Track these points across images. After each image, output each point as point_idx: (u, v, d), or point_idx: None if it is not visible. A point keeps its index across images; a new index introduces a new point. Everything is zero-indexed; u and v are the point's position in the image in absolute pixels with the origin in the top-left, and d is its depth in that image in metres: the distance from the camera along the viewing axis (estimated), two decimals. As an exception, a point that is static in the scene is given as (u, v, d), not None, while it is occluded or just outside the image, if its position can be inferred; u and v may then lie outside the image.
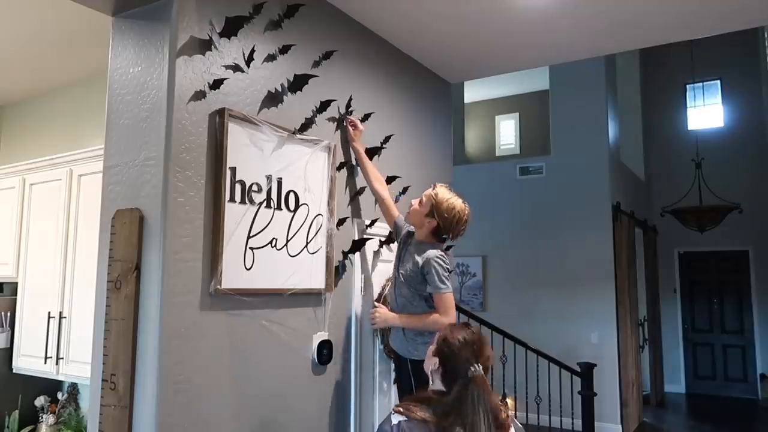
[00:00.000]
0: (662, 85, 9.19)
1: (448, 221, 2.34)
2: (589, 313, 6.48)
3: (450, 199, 2.36)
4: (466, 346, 1.68)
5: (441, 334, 1.75)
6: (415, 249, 2.41)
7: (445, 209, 2.33)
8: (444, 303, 2.30)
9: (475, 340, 1.70)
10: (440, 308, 2.30)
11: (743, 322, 8.44)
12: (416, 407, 1.61)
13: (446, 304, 2.30)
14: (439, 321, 2.25)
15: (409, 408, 1.62)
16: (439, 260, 2.31)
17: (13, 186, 3.23)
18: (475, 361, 1.65)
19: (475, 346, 1.68)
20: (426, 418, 1.58)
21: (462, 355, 1.66)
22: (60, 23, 2.81)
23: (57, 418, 3.18)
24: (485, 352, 1.70)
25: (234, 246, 2.01)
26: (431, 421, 1.57)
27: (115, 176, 2.00)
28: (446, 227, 2.36)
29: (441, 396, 1.65)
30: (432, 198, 2.37)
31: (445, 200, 2.35)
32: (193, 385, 1.86)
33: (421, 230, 2.42)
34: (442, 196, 2.36)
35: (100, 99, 2.26)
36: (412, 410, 1.60)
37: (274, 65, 2.26)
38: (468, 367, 1.63)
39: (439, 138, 3.52)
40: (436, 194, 2.37)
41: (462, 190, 2.52)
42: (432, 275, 2.30)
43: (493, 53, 3.32)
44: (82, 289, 2.73)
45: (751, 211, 7.90)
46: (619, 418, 6.23)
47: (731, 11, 2.80)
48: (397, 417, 1.60)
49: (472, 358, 1.65)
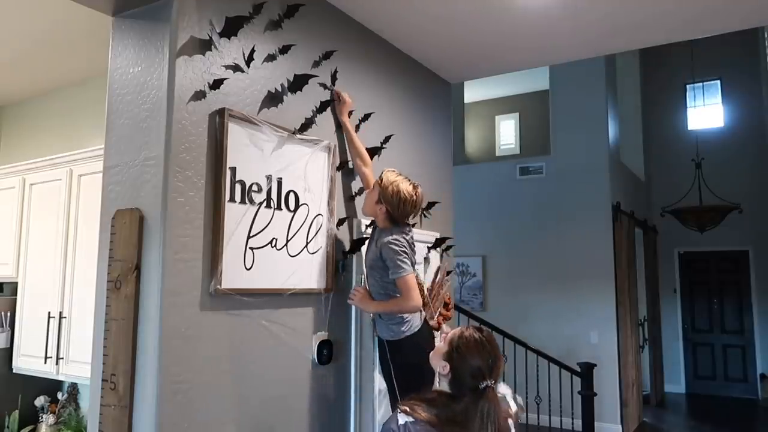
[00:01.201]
0: (662, 85, 9.19)
1: (394, 204, 2.34)
2: (589, 313, 6.48)
3: (394, 181, 2.36)
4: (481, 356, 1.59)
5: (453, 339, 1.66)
6: (376, 237, 2.43)
7: (390, 193, 2.34)
8: (404, 286, 2.29)
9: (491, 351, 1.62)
10: (401, 291, 2.30)
11: (743, 322, 8.44)
12: (420, 408, 1.57)
13: (406, 286, 2.28)
14: (400, 304, 2.29)
15: (414, 409, 1.57)
16: (393, 243, 2.31)
17: (13, 186, 3.23)
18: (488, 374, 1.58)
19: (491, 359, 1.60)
20: (431, 421, 1.53)
21: (474, 366, 1.58)
22: (60, 23, 2.81)
23: (57, 418, 3.18)
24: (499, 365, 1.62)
25: (234, 246, 2.01)
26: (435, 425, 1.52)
27: (115, 176, 2.00)
28: (394, 211, 2.36)
29: (448, 400, 1.59)
30: (377, 184, 2.39)
31: (390, 183, 2.36)
32: (193, 385, 1.86)
33: (378, 218, 2.43)
34: (387, 180, 2.37)
35: (100, 99, 2.26)
36: (417, 411, 1.56)
37: (274, 65, 2.26)
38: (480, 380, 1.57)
39: (439, 138, 3.52)
40: (381, 180, 2.38)
41: (462, 190, 2.53)
42: (389, 260, 2.31)
43: (493, 53, 3.32)
44: (82, 289, 2.73)
45: (751, 211, 7.90)
46: (619, 418, 6.23)
47: (731, 11, 2.80)
48: (404, 417, 1.56)
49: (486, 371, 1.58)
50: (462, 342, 1.63)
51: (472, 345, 1.62)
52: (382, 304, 2.40)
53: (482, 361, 1.59)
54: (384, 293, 2.39)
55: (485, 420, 1.51)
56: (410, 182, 2.40)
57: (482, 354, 1.60)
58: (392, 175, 2.40)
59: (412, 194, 2.37)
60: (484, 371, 1.58)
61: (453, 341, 1.65)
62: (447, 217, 3.51)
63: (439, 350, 1.70)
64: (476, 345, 1.62)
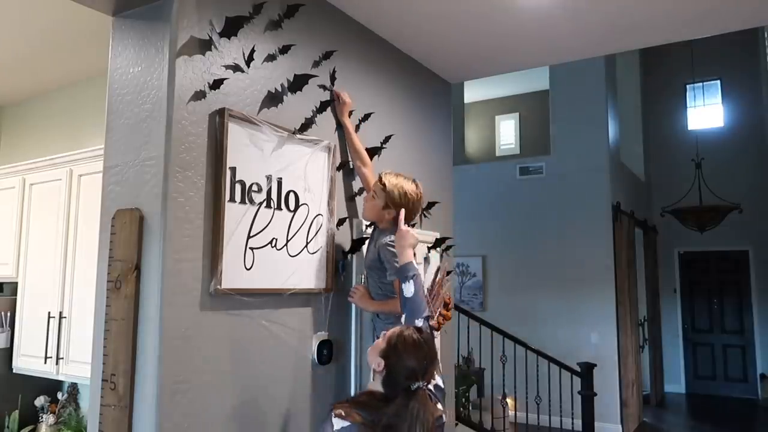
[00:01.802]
0: (662, 85, 9.20)
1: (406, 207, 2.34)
2: (589, 313, 6.49)
3: (397, 184, 2.35)
4: (416, 357, 1.61)
5: (391, 338, 1.66)
6: (376, 237, 2.43)
7: (398, 196, 2.33)
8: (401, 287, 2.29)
9: (427, 353, 1.63)
10: (398, 292, 2.28)
11: (743, 322, 8.45)
12: (354, 411, 1.58)
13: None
14: (398, 306, 2.28)
15: (350, 413, 1.57)
16: (391, 245, 2.30)
17: (13, 186, 3.23)
18: (421, 377, 1.59)
19: (426, 361, 1.62)
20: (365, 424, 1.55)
21: (409, 366, 1.60)
22: (60, 23, 2.81)
23: (57, 418, 3.18)
24: (433, 368, 1.64)
25: (234, 246, 2.01)
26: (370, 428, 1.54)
27: (115, 176, 2.00)
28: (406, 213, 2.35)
29: (380, 402, 1.60)
30: (380, 189, 2.36)
31: (394, 187, 2.34)
32: (193, 385, 1.86)
33: (382, 222, 2.42)
34: (390, 184, 2.34)
35: (100, 99, 2.26)
36: (351, 415, 1.57)
37: (274, 65, 2.26)
38: (413, 381, 1.58)
39: (439, 138, 3.52)
40: (384, 185, 2.35)
41: (462, 190, 2.53)
42: (387, 261, 2.31)
43: (493, 53, 3.32)
44: (82, 289, 2.73)
45: (751, 211, 7.91)
46: (619, 418, 6.23)
47: (731, 11, 2.80)
48: (339, 422, 1.56)
49: (420, 373, 1.60)
50: (400, 341, 1.64)
51: (409, 345, 1.63)
52: (381, 304, 2.41)
53: (417, 362, 1.60)
54: (382, 293, 2.40)
55: (414, 422, 1.52)
56: (411, 180, 2.40)
57: (418, 355, 1.61)
58: (393, 178, 2.38)
59: (417, 192, 2.39)
60: (418, 372, 1.59)
61: (391, 339, 1.65)
62: (447, 217, 3.51)
63: (377, 347, 1.69)
64: (414, 345, 1.63)
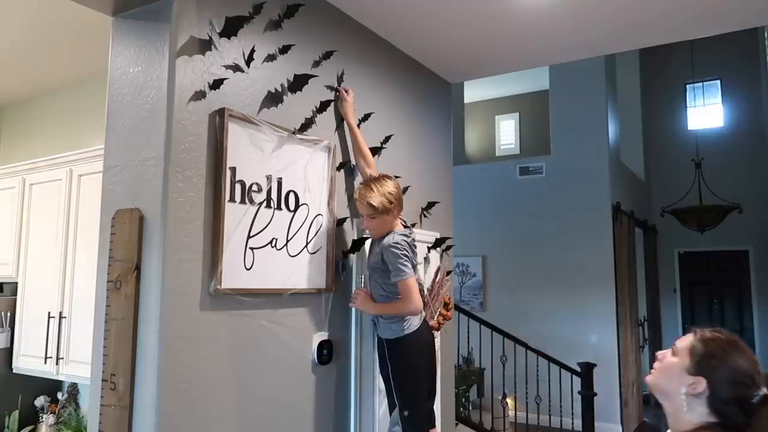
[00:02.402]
0: (662, 85, 9.20)
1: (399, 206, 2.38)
2: (589, 313, 6.49)
3: (380, 189, 2.33)
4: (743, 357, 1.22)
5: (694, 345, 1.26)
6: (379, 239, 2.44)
7: (388, 201, 2.33)
8: (405, 288, 2.29)
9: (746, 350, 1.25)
10: (402, 294, 2.30)
11: (743, 322, 8.45)
12: None
13: (407, 289, 2.29)
14: (400, 308, 2.31)
15: None
16: (394, 247, 2.31)
17: (13, 186, 3.23)
18: (765, 382, 1.20)
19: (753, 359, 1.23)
20: None
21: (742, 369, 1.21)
22: (60, 23, 2.81)
23: (57, 418, 3.18)
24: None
25: (234, 246, 2.01)
26: None
27: (115, 176, 2.00)
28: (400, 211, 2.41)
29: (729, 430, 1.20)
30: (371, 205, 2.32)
31: (381, 197, 2.32)
32: (193, 385, 1.86)
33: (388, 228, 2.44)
34: (377, 201, 2.31)
35: (100, 99, 2.26)
36: None
37: (274, 65, 2.26)
38: (754, 389, 1.19)
39: (439, 138, 3.52)
40: (371, 199, 2.32)
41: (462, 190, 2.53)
42: (391, 263, 2.31)
43: (493, 53, 3.32)
44: (82, 289, 2.73)
45: (751, 211, 7.91)
46: (619, 418, 6.23)
47: (731, 11, 2.80)
48: None
49: (756, 374, 1.21)
50: (713, 345, 1.25)
51: (725, 343, 1.25)
52: (384, 306, 2.40)
53: (747, 361, 1.22)
54: (386, 295, 2.40)
55: None
56: (381, 179, 2.39)
57: (745, 353, 1.23)
58: (371, 193, 2.33)
59: (395, 184, 2.40)
60: (754, 375, 1.21)
61: (695, 348, 1.26)
62: (447, 217, 3.51)
63: (672, 367, 1.27)
64: (728, 343, 1.25)
